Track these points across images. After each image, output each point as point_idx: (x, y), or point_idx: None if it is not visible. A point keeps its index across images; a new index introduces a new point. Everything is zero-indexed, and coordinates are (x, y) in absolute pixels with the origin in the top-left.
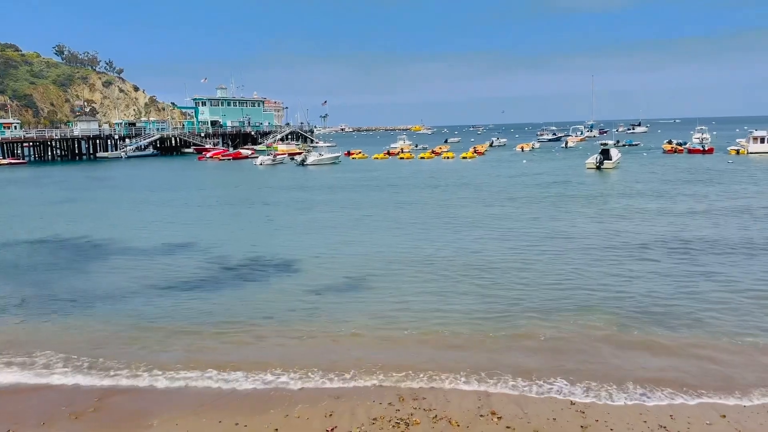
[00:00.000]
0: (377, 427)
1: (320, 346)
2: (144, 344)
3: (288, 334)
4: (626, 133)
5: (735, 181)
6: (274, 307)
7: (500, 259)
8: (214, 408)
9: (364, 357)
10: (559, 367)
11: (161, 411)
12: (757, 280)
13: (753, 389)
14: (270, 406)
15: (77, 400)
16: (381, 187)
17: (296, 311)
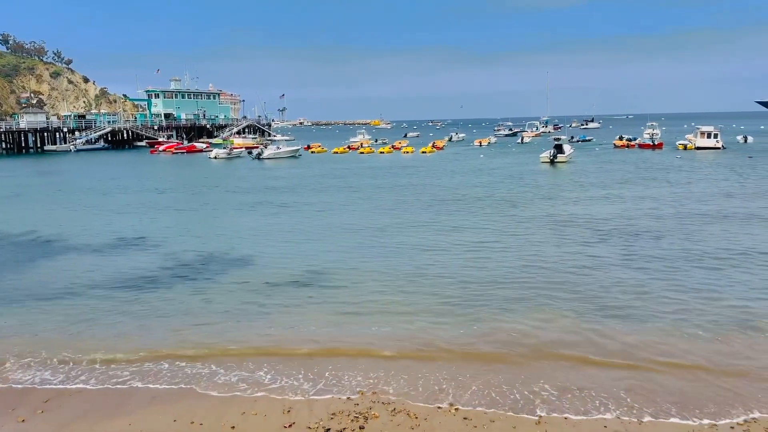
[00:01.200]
0: (336, 422)
1: (278, 343)
2: (95, 343)
3: (244, 330)
4: (580, 128)
5: (681, 175)
6: (229, 303)
7: (453, 257)
8: (169, 406)
9: (322, 352)
10: (511, 360)
11: (113, 411)
12: (696, 274)
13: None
14: (227, 404)
15: (24, 401)
16: (341, 181)
17: (251, 307)
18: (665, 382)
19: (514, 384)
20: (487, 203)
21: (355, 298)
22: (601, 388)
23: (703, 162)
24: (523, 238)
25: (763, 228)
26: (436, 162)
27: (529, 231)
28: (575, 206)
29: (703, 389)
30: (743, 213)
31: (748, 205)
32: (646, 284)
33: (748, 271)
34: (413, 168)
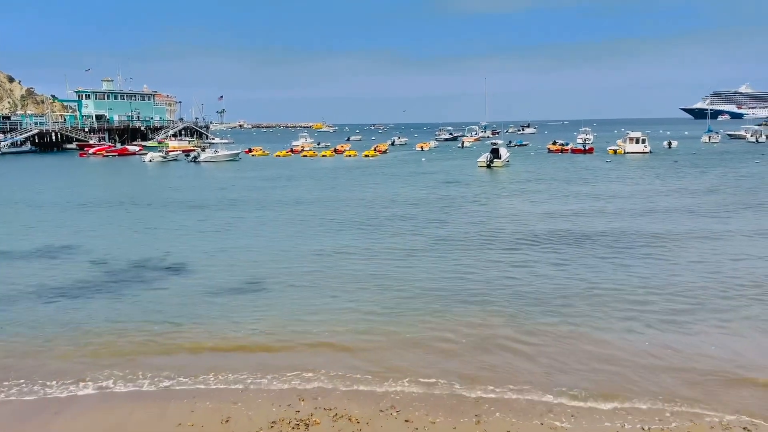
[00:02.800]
0: (276, 430)
1: (215, 351)
2: (23, 354)
3: (180, 338)
4: (516, 134)
5: (610, 178)
6: (163, 311)
7: (392, 260)
8: (101, 416)
9: (261, 360)
10: (452, 365)
11: (42, 423)
12: (621, 273)
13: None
14: (163, 414)
15: None
16: (282, 185)
17: (186, 315)
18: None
19: (452, 386)
20: (421, 207)
21: (292, 303)
22: (537, 386)
23: (631, 165)
24: (452, 244)
25: (683, 222)
26: (379, 165)
27: (458, 235)
28: (504, 209)
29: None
30: (665, 209)
31: (670, 202)
32: (573, 284)
33: (672, 262)
34: (357, 171)
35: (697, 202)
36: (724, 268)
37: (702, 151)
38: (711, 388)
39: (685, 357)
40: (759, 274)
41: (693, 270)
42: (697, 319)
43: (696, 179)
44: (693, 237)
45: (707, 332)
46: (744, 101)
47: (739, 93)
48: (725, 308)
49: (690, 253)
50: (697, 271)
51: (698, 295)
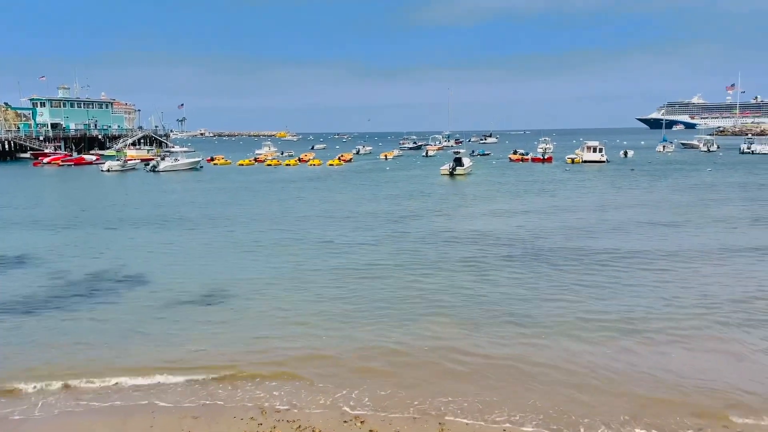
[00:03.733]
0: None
1: (175, 364)
2: None
3: (134, 353)
4: (479, 143)
5: (567, 187)
6: (117, 326)
7: (350, 266)
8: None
9: (222, 374)
10: (408, 372)
11: None
12: (585, 279)
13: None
14: (123, 428)
15: None
16: (243, 195)
17: (141, 330)
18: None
19: (415, 394)
20: (383, 216)
21: (251, 317)
22: (500, 395)
23: (588, 174)
24: (413, 254)
25: (635, 232)
26: (344, 174)
27: (419, 244)
28: (464, 217)
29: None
30: (620, 219)
31: (626, 210)
32: (533, 291)
33: (627, 272)
34: (321, 180)
35: (650, 211)
36: (674, 276)
37: (657, 161)
38: (654, 409)
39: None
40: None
41: (645, 285)
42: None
43: (650, 188)
44: (649, 248)
45: (662, 350)
46: (696, 112)
47: (691, 104)
48: (676, 323)
49: (644, 263)
50: (652, 286)
51: (653, 310)
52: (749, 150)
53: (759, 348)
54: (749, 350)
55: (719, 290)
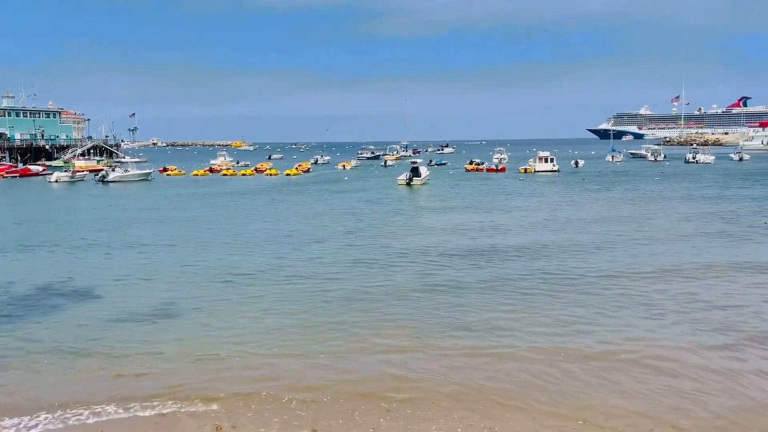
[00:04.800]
0: None
1: (121, 380)
2: None
3: (82, 367)
4: (436, 153)
5: (521, 195)
6: (63, 339)
7: (303, 280)
8: None
9: (172, 387)
10: (360, 389)
11: None
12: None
13: None
14: None
15: None
16: (196, 206)
17: (89, 344)
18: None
19: (369, 410)
20: (338, 225)
21: (201, 328)
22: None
23: (540, 184)
24: (367, 263)
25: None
26: (302, 184)
27: (373, 252)
28: (419, 226)
29: None
30: (568, 228)
31: (574, 219)
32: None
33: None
34: (278, 190)
35: (598, 219)
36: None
37: (606, 170)
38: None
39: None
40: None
41: (603, 295)
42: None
43: (599, 197)
44: (598, 257)
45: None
46: (644, 122)
47: (639, 115)
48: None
49: (597, 272)
50: (601, 293)
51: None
52: (694, 159)
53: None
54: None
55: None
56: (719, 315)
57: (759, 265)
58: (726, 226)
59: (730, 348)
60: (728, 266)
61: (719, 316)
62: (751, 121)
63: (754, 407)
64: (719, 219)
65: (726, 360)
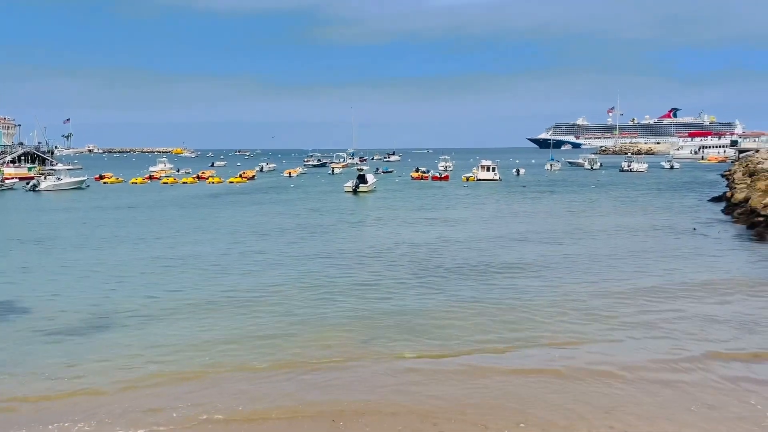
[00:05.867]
0: None
1: (47, 401)
2: None
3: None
4: (382, 161)
5: (462, 203)
6: None
7: (244, 290)
8: None
9: (98, 406)
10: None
11: None
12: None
13: None
14: None
15: None
16: (128, 216)
17: (7, 362)
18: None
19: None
20: (281, 234)
21: (126, 342)
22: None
23: (482, 191)
24: (309, 270)
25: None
26: (246, 192)
27: (317, 259)
28: (363, 233)
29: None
30: (509, 235)
31: (515, 226)
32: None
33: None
34: (220, 198)
35: (535, 226)
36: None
37: (546, 178)
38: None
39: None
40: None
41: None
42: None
43: (539, 205)
44: (537, 260)
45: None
46: (581, 132)
47: (576, 125)
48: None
49: (533, 275)
50: (540, 293)
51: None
52: (628, 168)
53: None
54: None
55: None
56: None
57: (686, 267)
58: (658, 232)
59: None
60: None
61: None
62: (680, 131)
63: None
64: (651, 226)
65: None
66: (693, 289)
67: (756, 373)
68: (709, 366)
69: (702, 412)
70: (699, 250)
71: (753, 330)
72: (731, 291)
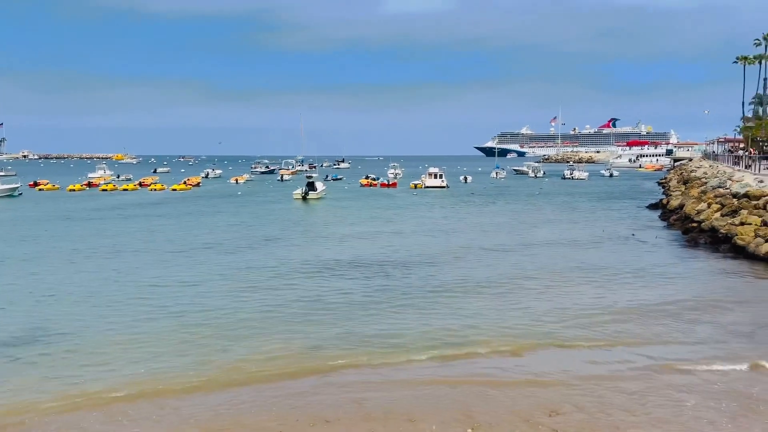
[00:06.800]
0: None
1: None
2: None
3: None
4: (332, 168)
5: (410, 210)
6: None
7: (178, 304)
8: None
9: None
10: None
11: None
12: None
13: None
14: None
15: None
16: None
17: None
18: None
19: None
20: (224, 243)
21: (62, 358)
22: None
23: (430, 198)
24: (253, 279)
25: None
26: (189, 199)
27: (262, 268)
28: (311, 240)
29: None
30: (454, 242)
31: (460, 233)
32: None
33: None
34: (162, 205)
35: (480, 232)
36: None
37: (492, 186)
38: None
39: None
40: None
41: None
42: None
43: (485, 211)
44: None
45: None
46: (525, 141)
47: (521, 134)
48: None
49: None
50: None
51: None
52: (570, 176)
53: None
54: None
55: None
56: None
57: (627, 271)
58: (597, 238)
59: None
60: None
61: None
62: (619, 141)
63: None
64: (591, 233)
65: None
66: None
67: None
68: (649, 373)
69: (644, 415)
70: (637, 255)
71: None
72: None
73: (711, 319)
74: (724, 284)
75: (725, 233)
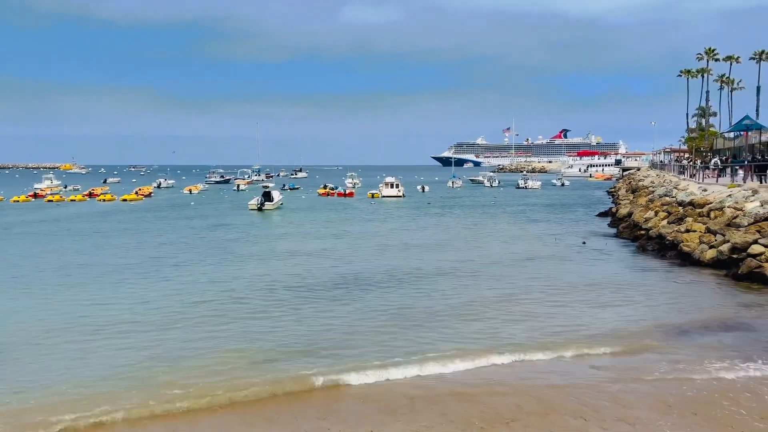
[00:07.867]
0: None
1: None
2: None
3: None
4: (289, 177)
5: (368, 219)
6: None
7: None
8: None
9: None
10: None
11: None
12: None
13: None
14: None
15: None
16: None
17: None
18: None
19: None
20: (176, 253)
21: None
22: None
23: (387, 207)
24: (207, 293)
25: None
26: (141, 210)
27: (217, 282)
28: (266, 252)
29: None
30: (406, 249)
31: (416, 241)
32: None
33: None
34: (112, 216)
35: (438, 242)
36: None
37: (448, 195)
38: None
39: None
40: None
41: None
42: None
43: (441, 221)
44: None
45: None
46: (481, 151)
47: (476, 144)
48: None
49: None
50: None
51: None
52: (524, 185)
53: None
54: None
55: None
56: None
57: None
58: (548, 245)
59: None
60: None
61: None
62: (570, 151)
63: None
64: (543, 241)
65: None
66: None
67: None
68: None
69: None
70: (591, 265)
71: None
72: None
73: (655, 323)
74: (672, 289)
75: (672, 240)
